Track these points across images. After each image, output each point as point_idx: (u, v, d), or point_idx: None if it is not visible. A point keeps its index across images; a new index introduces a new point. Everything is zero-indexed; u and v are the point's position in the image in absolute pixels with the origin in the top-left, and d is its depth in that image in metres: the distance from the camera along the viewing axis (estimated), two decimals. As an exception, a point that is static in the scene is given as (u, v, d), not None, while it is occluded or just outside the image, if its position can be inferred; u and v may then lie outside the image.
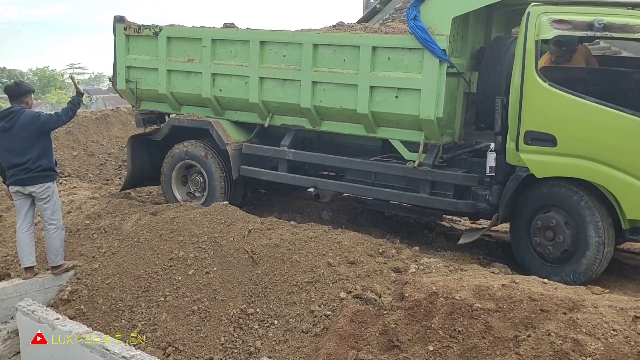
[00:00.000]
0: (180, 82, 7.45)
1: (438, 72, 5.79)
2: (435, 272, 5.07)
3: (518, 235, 5.73)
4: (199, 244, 5.90)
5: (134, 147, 7.87)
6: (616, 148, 5.15)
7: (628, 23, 5.02)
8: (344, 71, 6.29)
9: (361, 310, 4.66)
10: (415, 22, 5.81)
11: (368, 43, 6.12)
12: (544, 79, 5.35)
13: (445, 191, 6.08)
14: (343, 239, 5.65)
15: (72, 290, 5.96)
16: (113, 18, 7.88)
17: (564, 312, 4.17)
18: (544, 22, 5.31)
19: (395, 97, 6.08)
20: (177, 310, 5.40)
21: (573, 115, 5.27)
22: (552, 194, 5.49)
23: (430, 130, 6.00)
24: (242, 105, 7.10)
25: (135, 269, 5.90)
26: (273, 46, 6.72)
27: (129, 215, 6.80)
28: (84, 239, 6.60)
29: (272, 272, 5.38)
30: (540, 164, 5.47)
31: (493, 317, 4.26)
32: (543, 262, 5.58)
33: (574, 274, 5.36)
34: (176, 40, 7.42)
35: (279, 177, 7.00)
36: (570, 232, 5.38)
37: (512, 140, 5.61)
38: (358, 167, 6.51)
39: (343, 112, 6.42)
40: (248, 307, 5.20)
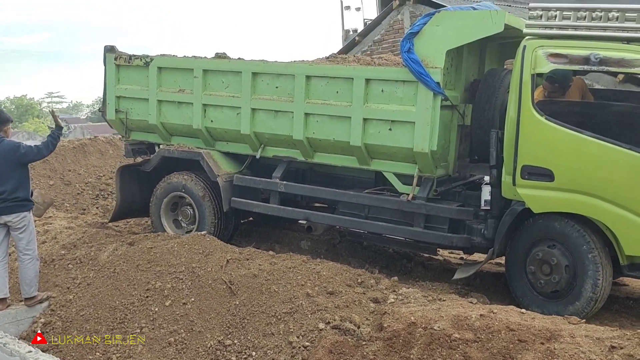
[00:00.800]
0: (171, 113, 7.36)
1: (432, 104, 5.74)
2: (414, 302, 5.06)
3: (514, 270, 5.63)
4: (176, 274, 5.82)
5: (123, 178, 7.74)
6: (614, 183, 5.10)
7: (625, 57, 5.01)
8: (337, 103, 6.24)
9: (340, 341, 4.62)
10: (409, 55, 5.77)
11: (361, 75, 6.08)
12: (540, 112, 5.31)
13: (440, 225, 5.99)
14: (322, 269, 5.62)
15: (46, 322, 5.82)
16: (104, 48, 7.82)
17: (542, 342, 4.17)
18: (540, 55, 5.29)
19: (388, 130, 6.01)
20: (153, 342, 5.28)
21: (570, 149, 5.23)
22: (549, 229, 5.41)
23: (424, 163, 5.93)
24: (234, 137, 7.02)
25: (110, 300, 5.78)
26: (265, 77, 6.67)
27: (105, 245, 6.70)
28: (59, 270, 6.48)
29: (250, 302, 5.31)
30: (538, 199, 5.40)
31: (471, 348, 4.24)
32: (540, 297, 5.49)
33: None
34: (167, 71, 7.35)
35: (270, 209, 6.88)
36: (568, 276, 5.31)
37: (507, 174, 5.54)
38: (351, 199, 6.42)
39: (336, 144, 6.34)
40: (226, 339, 5.11)
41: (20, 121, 62.45)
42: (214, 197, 7.10)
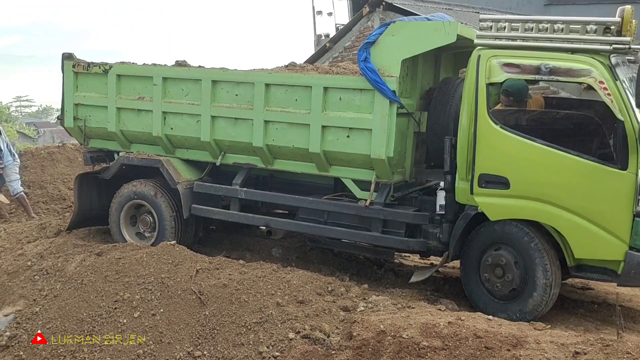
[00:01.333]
0: (130, 120, 7.34)
1: (388, 112, 5.88)
2: (384, 310, 5.09)
3: (468, 272, 5.79)
4: (145, 285, 5.77)
5: (81, 185, 7.67)
6: (565, 189, 5.27)
7: (572, 67, 5.22)
8: (296, 111, 6.33)
9: (309, 350, 4.64)
10: (366, 64, 5.91)
11: (320, 83, 6.19)
12: (495, 121, 5.49)
13: (397, 229, 6.13)
14: (292, 277, 5.63)
15: (11, 336, 5.69)
16: (62, 55, 7.76)
17: (508, 348, 4.23)
18: (494, 65, 5.47)
19: (346, 137, 6.13)
20: (121, 355, 5.23)
21: (524, 157, 5.39)
22: (501, 233, 5.58)
23: (381, 169, 6.07)
24: (194, 144, 7.04)
25: (78, 312, 5.70)
26: (225, 85, 6.72)
27: (72, 255, 6.59)
28: (25, 281, 6.35)
29: (220, 312, 5.30)
30: (494, 206, 5.56)
31: (440, 356, 4.29)
32: (492, 299, 5.65)
33: (521, 312, 5.45)
34: (126, 78, 7.33)
35: (231, 216, 6.92)
36: (519, 271, 5.48)
37: (461, 180, 5.71)
38: (310, 205, 6.51)
39: (295, 151, 6.43)
40: (195, 350, 5.10)
41: None
42: (174, 204, 7.09)
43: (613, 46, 5.11)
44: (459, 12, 13.04)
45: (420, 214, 6.10)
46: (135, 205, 7.37)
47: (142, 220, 7.39)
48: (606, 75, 5.06)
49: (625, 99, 5.02)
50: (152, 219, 7.28)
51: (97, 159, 7.86)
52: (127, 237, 7.41)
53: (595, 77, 5.08)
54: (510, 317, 5.34)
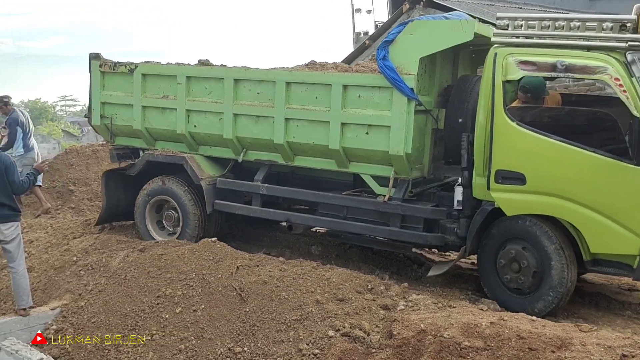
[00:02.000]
0: (155, 118, 7.55)
1: (406, 109, 6.00)
2: (424, 308, 5.06)
3: (485, 267, 5.89)
4: (186, 281, 5.85)
5: (108, 182, 7.91)
6: (581, 185, 5.35)
7: (587, 65, 5.29)
8: (316, 108, 6.47)
9: (349, 348, 4.62)
10: (384, 62, 6.03)
11: (339, 81, 6.33)
12: (512, 118, 5.57)
13: (415, 224, 6.24)
14: (332, 275, 5.64)
15: (58, 329, 5.85)
16: (89, 55, 7.99)
17: (552, 350, 4.16)
18: (510, 63, 5.56)
19: (365, 134, 6.26)
20: (163, 350, 5.32)
21: (540, 153, 5.47)
22: (518, 228, 5.66)
23: (399, 165, 6.18)
24: (217, 141, 7.23)
25: (121, 307, 5.82)
26: (247, 84, 6.89)
27: (116, 251, 6.74)
28: (71, 276, 6.52)
29: (260, 309, 5.35)
30: (511, 201, 5.65)
31: (482, 356, 4.23)
32: (509, 293, 5.73)
33: (537, 306, 5.52)
34: (151, 77, 7.54)
35: (252, 211, 7.09)
36: (536, 266, 5.55)
37: (478, 176, 5.81)
38: (330, 201, 6.66)
39: (315, 147, 6.57)
40: (236, 346, 5.14)
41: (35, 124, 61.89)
42: (198, 200, 7.29)
43: (629, 43, 5.16)
44: (501, 7, 12.88)
45: (438, 209, 6.20)
46: (160, 201, 7.58)
47: (167, 215, 7.60)
48: (622, 72, 5.12)
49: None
50: (176, 215, 7.48)
51: (123, 156, 8.09)
52: (152, 232, 7.63)
53: (610, 74, 5.14)
54: (526, 311, 5.41)
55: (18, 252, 5.99)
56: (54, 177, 10.34)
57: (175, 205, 7.43)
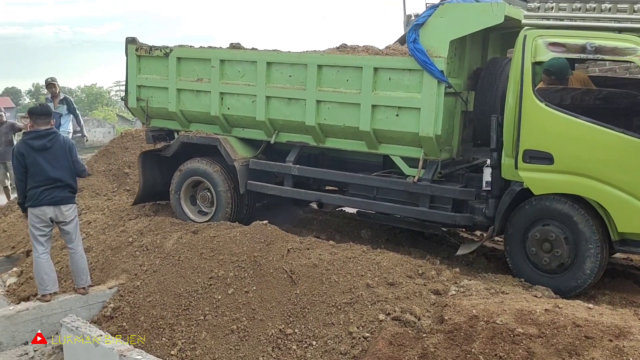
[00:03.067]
0: (189, 101, 7.76)
1: (436, 91, 6.09)
2: (476, 294, 5.04)
3: (513, 247, 5.97)
4: (238, 263, 5.96)
5: (145, 163, 8.15)
6: (608, 165, 5.42)
7: (617, 46, 5.33)
8: (347, 91, 6.60)
9: (400, 332, 4.63)
10: (415, 45, 6.13)
11: (370, 64, 6.44)
12: (540, 99, 5.64)
13: (444, 205, 6.36)
14: (382, 259, 5.67)
15: (115, 307, 6.05)
16: (125, 39, 8.21)
17: (610, 339, 4.11)
18: (540, 44, 5.62)
19: (395, 116, 6.37)
20: (216, 329, 5.44)
21: (568, 134, 5.55)
22: (549, 209, 5.73)
23: (429, 146, 6.29)
24: (249, 123, 7.41)
25: (176, 287, 5.97)
26: (279, 67, 7.04)
27: (170, 233, 6.90)
28: (127, 256, 6.71)
29: (310, 292, 5.42)
30: (538, 181, 5.73)
31: (535, 343, 4.19)
32: (538, 272, 5.82)
33: (570, 284, 5.62)
34: (186, 61, 7.73)
35: (284, 191, 7.28)
36: (569, 245, 5.63)
37: (507, 157, 5.90)
38: (360, 181, 6.80)
39: (346, 129, 6.71)
40: (287, 327, 5.22)
41: (90, 109, 63.52)
42: (231, 180, 7.50)
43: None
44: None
45: (466, 189, 6.31)
46: (195, 181, 7.81)
47: (201, 196, 7.82)
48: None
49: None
50: (210, 195, 7.70)
51: (158, 138, 8.32)
52: (188, 212, 7.87)
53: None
54: (556, 290, 5.52)
55: (76, 233, 6.19)
56: (109, 160, 10.55)
57: (209, 185, 7.65)
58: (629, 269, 6.39)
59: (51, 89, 10.74)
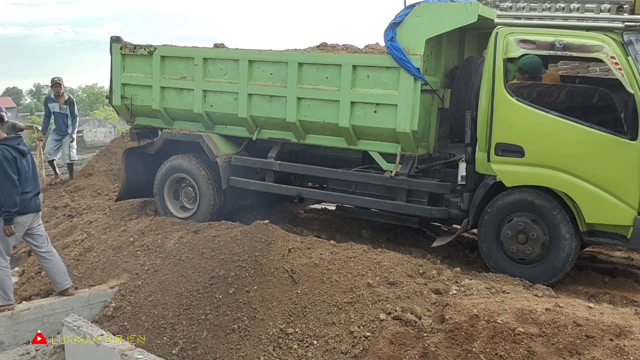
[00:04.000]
0: (173, 99, 7.89)
1: (413, 88, 6.28)
2: (477, 293, 5.06)
3: (487, 239, 6.14)
4: (239, 262, 5.95)
5: (128, 159, 8.26)
6: (576, 158, 5.61)
7: (585, 43, 5.54)
8: (327, 88, 6.76)
9: (401, 332, 4.64)
10: (392, 43, 6.32)
11: (349, 62, 6.61)
12: (511, 94, 5.84)
13: (420, 198, 6.54)
14: (383, 259, 5.69)
15: (116, 307, 6.06)
16: (110, 38, 8.33)
17: (611, 338, 4.11)
18: (511, 41, 5.82)
19: (374, 112, 6.55)
20: (217, 329, 5.44)
21: (538, 128, 5.73)
22: (523, 201, 5.91)
23: (406, 142, 6.47)
24: (232, 120, 7.55)
25: (177, 286, 5.97)
26: (261, 65, 7.20)
27: (171, 233, 6.93)
28: (128, 256, 6.74)
29: (311, 291, 5.44)
30: (510, 173, 5.92)
31: (536, 342, 4.21)
32: (511, 263, 5.99)
33: (541, 274, 5.79)
34: (169, 59, 7.87)
35: (265, 187, 7.42)
36: (543, 236, 5.80)
37: (480, 151, 6.08)
38: (339, 176, 6.97)
39: (326, 126, 6.88)
40: (287, 327, 5.23)
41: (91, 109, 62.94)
42: (214, 177, 7.62)
43: (625, 24, 5.40)
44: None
45: (442, 184, 6.49)
46: (178, 178, 7.93)
47: (184, 192, 7.94)
48: (618, 51, 5.36)
49: (636, 73, 5.31)
50: (193, 191, 7.82)
51: (142, 135, 8.45)
52: (170, 207, 7.99)
53: (607, 53, 5.39)
54: (530, 280, 5.69)
55: (46, 237, 6.18)
56: (111, 160, 10.64)
57: (192, 182, 7.77)
58: (630, 268, 6.51)
59: (56, 88, 10.94)
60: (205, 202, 7.69)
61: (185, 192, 7.93)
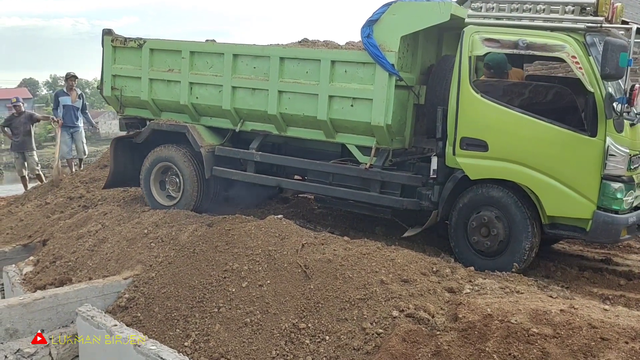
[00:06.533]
0: (160, 90, 8.14)
1: (387, 83, 6.51)
2: (491, 293, 5.06)
3: (455, 231, 6.39)
4: (253, 256, 5.99)
5: (117, 148, 8.52)
6: (538, 153, 5.85)
7: (547, 43, 5.78)
8: (307, 82, 7.00)
9: (413, 329, 4.64)
10: (368, 40, 6.55)
11: (328, 57, 6.85)
12: (476, 90, 6.09)
13: (393, 190, 6.78)
14: (396, 256, 5.69)
15: (130, 298, 6.08)
16: (102, 31, 8.59)
17: (626, 341, 4.08)
18: (476, 40, 6.07)
19: (350, 106, 6.78)
20: (230, 322, 5.47)
21: (501, 123, 5.98)
22: (486, 195, 6.16)
23: (380, 135, 6.71)
24: (216, 112, 7.80)
25: (190, 279, 6.01)
26: (244, 59, 7.45)
27: (185, 225, 6.98)
28: (142, 248, 6.79)
29: (324, 287, 5.43)
30: (474, 167, 6.17)
31: (550, 344, 4.18)
32: (477, 255, 6.24)
33: (507, 264, 6.01)
34: (158, 52, 8.12)
35: (247, 177, 7.67)
36: (504, 229, 6.06)
37: (449, 145, 6.32)
38: (317, 168, 7.22)
39: (305, 118, 7.12)
40: (300, 322, 5.23)
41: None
42: (198, 166, 7.88)
43: (587, 25, 5.64)
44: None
45: (414, 176, 6.72)
46: (164, 167, 8.18)
47: (170, 181, 8.20)
48: (579, 52, 5.60)
49: (597, 72, 5.55)
50: (178, 180, 8.08)
51: (131, 125, 8.70)
52: (156, 195, 8.24)
53: (568, 52, 5.62)
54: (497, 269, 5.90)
55: None
56: None
57: (177, 171, 8.02)
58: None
59: (71, 81, 11.39)
60: (188, 191, 7.94)
61: (171, 180, 8.18)
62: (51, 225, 8.52)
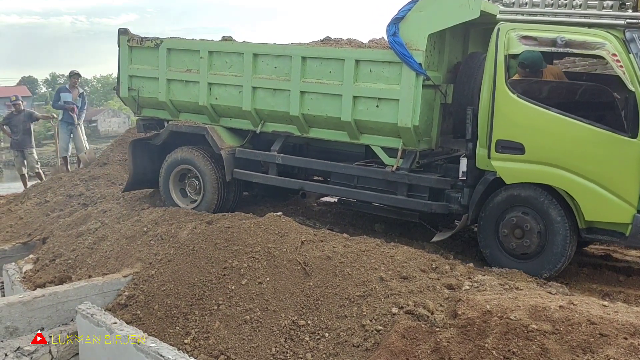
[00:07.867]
0: (178, 91, 7.96)
1: (415, 83, 6.28)
2: (490, 289, 5.05)
3: (486, 233, 6.17)
4: (252, 254, 5.97)
5: (135, 151, 8.36)
6: (577, 156, 5.60)
7: (586, 40, 5.52)
8: (330, 82, 6.79)
9: (413, 326, 4.64)
10: (394, 38, 6.33)
11: (352, 56, 6.63)
12: (513, 91, 5.84)
13: (421, 193, 6.56)
14: (396, 253, 5.69)
15: (130, 295, 6.07)
16: (118, 30, 8.42)
17: (625, 337, 4.08)
18: (512, 38, 5.82)
19: (376, 107, 6.57)
20: (229, 319, 5.47)
21: (539, 125, 5.73)
22: (521, 196, 5.94)
23: (407, 137, 6.49)
24: (236, 113, 7.61)
25: (190, 276, 5.99)
26: (265, 58, 7.24)
27: (185, 223, 6.96)
28: (142, 245, 6.77)
29: (323, 284, 5.43)
30: (510, 170, 5.93)
31: (549, 340, 4.19)
32: (510, 258, 6.03)
33: (541, 268, 5.82)
34: (176, 52, 7.94)
35: (268, 179, 7.49)
36: (539, 231, 5.84)
37: (481, 147, 6.09)
38: (341, 170, 7.01)
39: (328, 119, 6.91)
40: (299, 319, 5.24)
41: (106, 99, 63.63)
42: (218, 169, 7.70)
43: (627, 21, 5.38)
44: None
45: (443, 179, 6.51)
46: (183, 169, 8.02)
47: (190, 184, 8.04)
48: (619, 49, 5.34)
49: (637, 71, 5.29)
50: (198, 183, 7.91)
51: (148, 127, 8.54)
52: (176, 199, 8.09)
53: (608, 50, 5.37)
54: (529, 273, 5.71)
55: None
56: (125, 150, 10.68)
57: (197, 173, 7.86)
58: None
59: (74, 79, 11.41)
60: (209, 194, 7.77)
61: (190, 183, 8.03)
62: (51, 223, 8.51)
